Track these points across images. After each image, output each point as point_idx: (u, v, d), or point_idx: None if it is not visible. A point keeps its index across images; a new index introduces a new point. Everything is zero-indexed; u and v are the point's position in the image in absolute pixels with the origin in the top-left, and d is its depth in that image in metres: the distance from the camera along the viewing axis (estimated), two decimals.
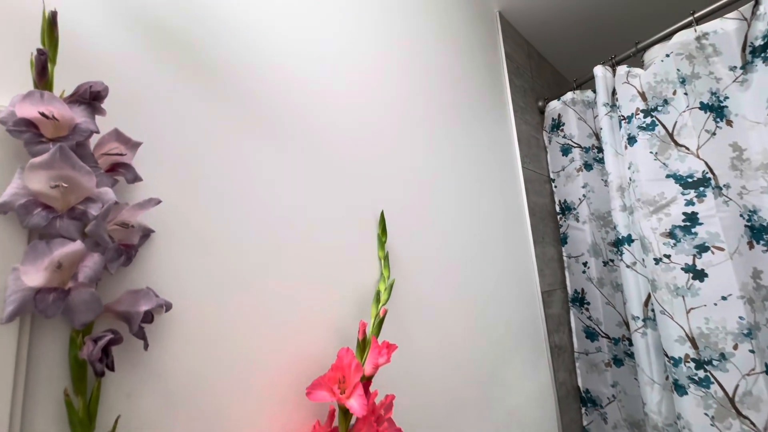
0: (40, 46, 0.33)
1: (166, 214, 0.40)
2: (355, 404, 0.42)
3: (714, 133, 0.88)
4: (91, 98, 0.33)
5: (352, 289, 0.58)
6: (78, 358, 0.32)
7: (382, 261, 0.63)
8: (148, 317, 0.35)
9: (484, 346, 0.83)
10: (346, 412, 0.45)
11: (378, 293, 0.58)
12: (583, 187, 1.18)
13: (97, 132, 0.33)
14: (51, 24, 0.33)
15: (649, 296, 0.96)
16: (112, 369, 0.31)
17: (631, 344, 1.05)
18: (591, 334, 1.14)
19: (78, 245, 0.30)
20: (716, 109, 0.89)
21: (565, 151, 1.24)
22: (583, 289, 1.17)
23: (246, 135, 0.50)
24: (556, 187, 1.28)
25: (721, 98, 0.89)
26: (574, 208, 1.20)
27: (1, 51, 0.33)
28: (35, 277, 0.29)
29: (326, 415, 0.49)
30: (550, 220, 1.25)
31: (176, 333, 0.39)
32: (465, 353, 0.77)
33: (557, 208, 1.27)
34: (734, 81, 0.89)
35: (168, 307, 0.36)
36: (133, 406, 0.36)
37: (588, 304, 1.15)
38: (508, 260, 0.99)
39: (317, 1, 0.65)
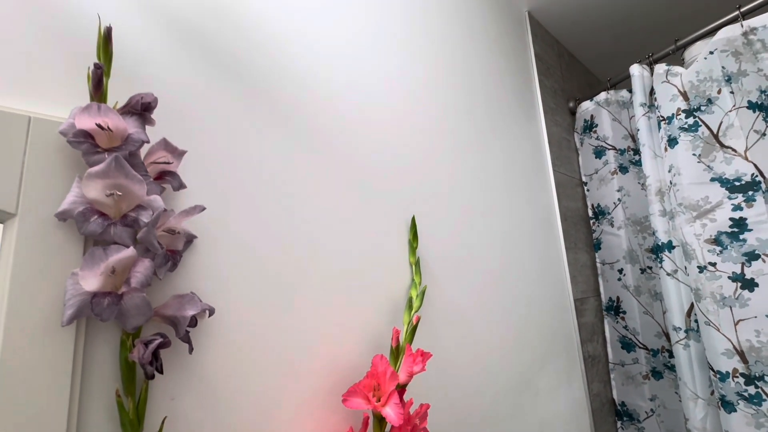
0: (96, 61, 0.34)
1: (207, 221, 0.42)
2: (392, 413, 0.42)
3: (764, 134, 0.83)
4: (142, 109, 0.35)
5: (384, 296, 0.58)
6: (128, 360, 0.33)
7: (414, 267, 0.62)
8: (193, 321, 0.36)
9: (515, 354, 0.81)
10: (381, 420, 0.45)
11: (410, 300, 0.58)
12: (618, 190, 1.14)
13: (148, 142, 0.35)
14: (106, 39, 0.34)
15: (692, 306, 0.91)
16: (161, 372, 0.32)
17: (671, 356, 1.00)
18: (627, 345, 1.09)
19: (131, 251, 0.31)
20: (766, 108, 0.84)
21: (599, 153, 1.20)
22: (618, 297, 1.12)
23: (284, 147, 0.51)
24: (588, 190, 1.23)
25: None
26: (609, 213, 1.16)
27: (61, 66, 0.35)
28: (92, 281, 0.30)
29: (360, 422, 0.48)
30: (583, 225, 1.21)
31: (218, 337, 0.40)
32: (496, 362, 0.75)
33: (590, 213, 1.22)
34: None
35: (211, 312, 0.37)
36: (178, 408, 0.37)
37: (624, 313, 1.10)
38: (539, 266, 0.96)
39: (352, 15, 0.65)
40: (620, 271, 1.11)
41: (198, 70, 0.44)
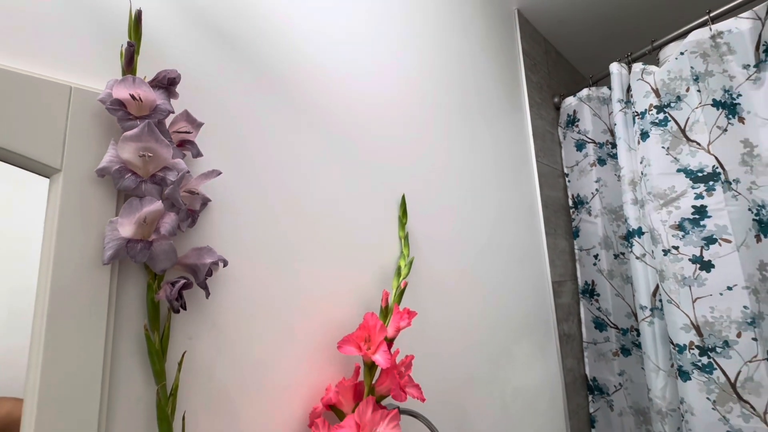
0: (129, 40, 0.39)
1: (220, 187, 0.47)
2: (380, 358, 0.48)
3: (725, 130, 0.90)
4: (167, 84, 0.40)
5: (376, 264, 0.64)
6: (154, 301, 0.39)
7: (403, 240, 0.68)
8: (209, 272, 0.42)
9: (495, 327, 0.88)
10: (371, 367, 0.51)
11: (399, 268, 0.64)
12: (596, 181, 1.21)
13: (173, 112, 0.40)
14: (137, 21, 0.39)
15: (657, 287, 0.99)
16: (185, 308, 0.38)
17: (638, 335, 1.08)
18: (600, 325, 1.17)
19: (160, 205, 0.36)
20: (729, 106, 0.91)
21: (580, 146, 1.27)
22: (593, 281, 1.20)
23: (290, 125, 0.56)
24: (569, 181, 1.31)
25: (734, 96, 0.92)
26: (587, 202, 1.23)
27: (97, 44, 0.40)
28: (128, 228, 0.35)
29: (352, 371, 0.55)
30: (563, 213, 1.28)
31: (229, 289, 0.46)
32: (476, 331, 0.82)
33: (570, 202, 1.30)
34: (747, 79, 0.91)
35: (225, 263, 0.42)
36: (195, 347, 0.42)
37: (598, 295, 1.18)
38: (520, 249, 1.03)
39: (354, 9, 0.70)
40: (596, 256, 1.19)
41: (215, 52, 0.49)
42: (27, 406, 0.32)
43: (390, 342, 0.53)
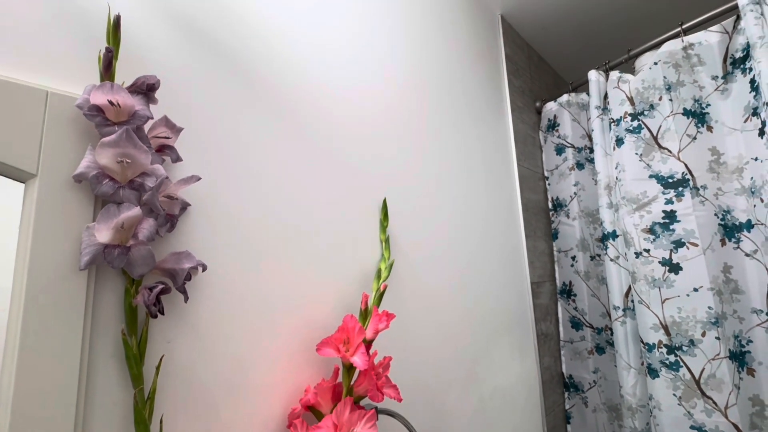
0: (107, 45, 0.39)
1: (199, 192, 0.47)
2: (358, 360, 0.49)
3: (695, 138, 0.94)
4: (146, 89, 0.40)
5: (356, 268, 0.65)
6: (132, 305, 0.39)
7: (384, 243, 0.70)
8: (188, 276, 0.42)
9: (474, 327, 0.90)
10: (349, 369, 0.52)
11: (379, 271, 0.65)
12: (575, 185, 1.25)
13: (151, 118, 0.40)
14: (116, 26, 0.39)
15: (629, 288, 1.03)
16: (162, 313, 0.38)
17: (612, 334, 1.12)
18: (576, 324, 1.21)
19: (138, 210, 0.37)
20: (698, 115, 0.96)
21: (559, 150, 1.30)
22: (570, 282, 1.24)
23: (270, 131, 0.57)
24: (549, 184, 1.34)
25: (703, 105, 0.96)
26: (566, 205, 1.27)
27: (73, 48, 0.40)
28: (105, 234, 0.35)
29: (331, 373, 0.56)
30: (543, 215, 1.32)
31: (208, 293, 0.46)
32: (456, 332, 0.84)
33: (550, 205, 1.33)
34: (716, 90, 0.95)
35: (204, 267, 0.43)
36: (173, 350, 0.43)
37: (575, 295, 1.22)
38: (500, 250, 1.06)
39: (337, 12, 0.71)
40: (573, 258, 1.23)
41: (194, 57, 0.49)
42: (0, 411, 0.32)
43: (369, 344, 0.54)
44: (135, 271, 0.37)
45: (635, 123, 1.01)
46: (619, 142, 1.03)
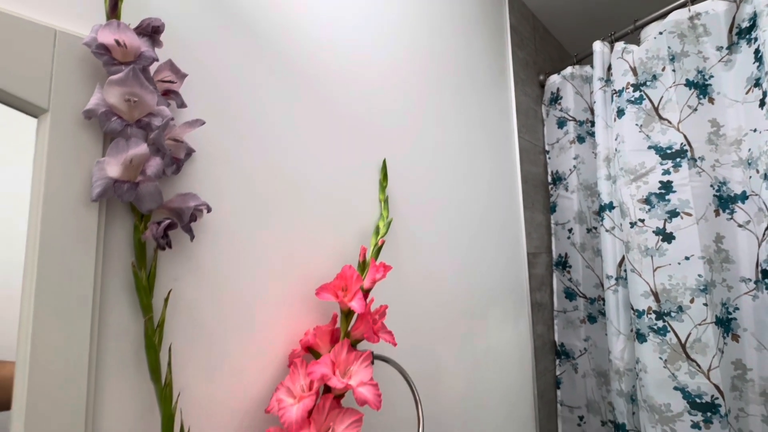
0: None
1: (204, 140, 0.48)
2: (356, 304, 0.51)
3: (695, 109, 0.95)
4: (152, 31, 0.41)
5: (355, 224, 0.67)
6: (141, 241, 0.41)
7: (382, 203, 0.71)
8: (193, 217, 0.44)
9: (470, 289, 0.92)
10: (347, 315, 0.55)
11: (377, 228, 0.67)
12: (575, 158, 1.26)
13: (157, 60, 0.41)
14: None
15: (623, 258, 1.05)
16: (170, 247, 0.40)
17: (605, 304, 1.15)
18: (570, 294, 1.24)
19: (145, 148, 0.38)
20: (700, 87, 0.95)
21: (561, 123, 1.30)
22: (566, 254, 1.26)
23: (273, 84, 0.57)
24: (549, 158, 1.35)
25: (706, 76, 0.96)
26: (565, 178, 1.28)
27: None
28: (114, 168, 0.37)
29: (329, 320, 0.58)
30: (542, 188, 1.33)
31: (212, 237, 0.48)
32: (451, 294, 0.87)
33: (549, 179, 1.34)
34: (720, 61, 0.95)
35: (209, 209, 0.45)
36: (179, 287, 0.45)
37: (570, 267, 1.25)
38: (498, 219, 1.08)
39: None
40: (570, 230, 1.25)
41: (199, 4, 0.50)
42: (21, 339, 0.34)
43: (366, 293, 0.57)
44: (143, 206, 0.39)
45: (637, 94, 1.01)
46: (620, 113, 1.03)
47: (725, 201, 0.92)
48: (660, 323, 0.91)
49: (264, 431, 0.47)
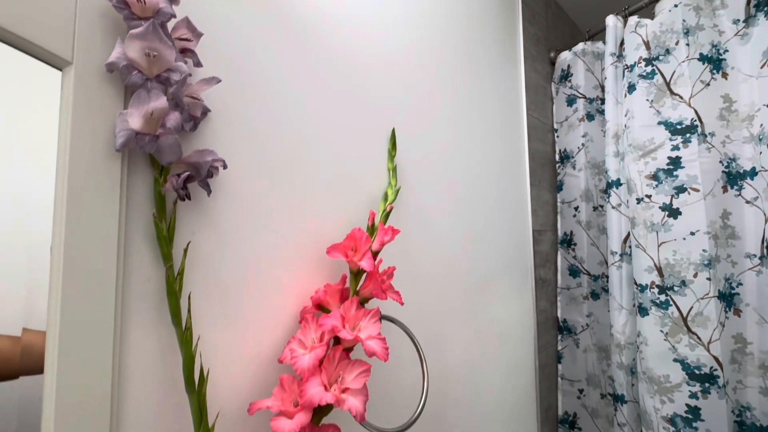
0: None
1: (219, 101, 0.50)
2: (365, 263, 0.53)
3: (708, 84, 0.93)
4: None
5: (363, 191, 0.68)
6: (161, 193, 0.43)
7: (391, 172, 0.72)
8: (210, 173, 0.45)
9: (475, 262, 0.94)
10: (356, 274, 0.57)
11: (386, 194, 0.68)
12: (583, 136, 1.25)
13: (175, 16, 0.42)
14: None
15: (628, 234, 1.06)
16: (189, 198, 0.42)
17: (608, 280, 1.16)
18: (574, 272, 1.26)
19: (165, 102, 0.40)
20: (714, 61, 0.94)
21: (570, 101, 1.29)
22: (572, 232, 1.27)
23: (287, 48, 0.58)
24: (558, 136, 1.34)
25: (721, 51, 0.94)
26: (572, 157, 1.28)
27: None
28: (136, 120, 0.39)
29: (338, 280, 0.60)
30: (549, 167, 1.33)
31: (228, 194, 0.50)
32: (457, 265, 0.88)
33: (557, 157, 1.34)
34: (736, 34, 0.93)
35: (225, 165, 0.46)
36: (197, 241, 0.47)
37: (575, 245, 1.26)
38: (504, 195, 1.09)
39: None
40: (576, 208, 1.25)
41: None
42: (52, 286, 0.37)
43: (374, 255, 0.59)
44: (164, 158, 0.41)
45: (649, 68, 0.99)
46: (631, 88, 1.02)
47: (734, 177, 0.91)
48: (662, 297, 0.92)
49: (278, 378, 0.49)
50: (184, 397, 0.43)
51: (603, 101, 1.25)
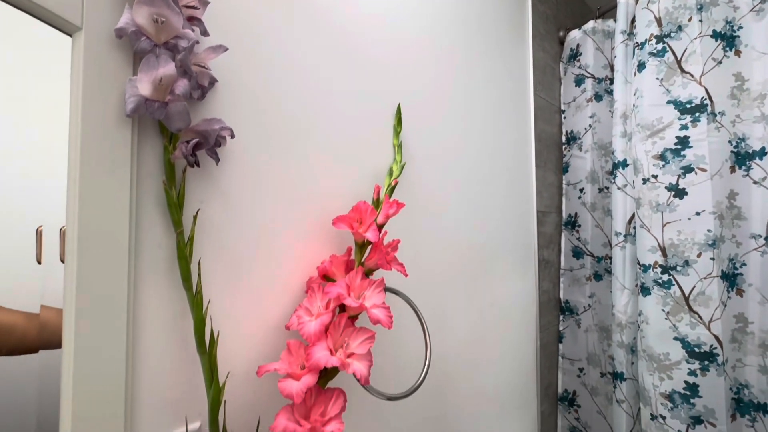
0: None
1: (226, 71, 0.50)
2: (370, 234, 0.54)
3: (720, 62, 0.92)
4: None
5: (369, 166, 0.69)
6: (170, 161, 0.44)
7: (396, 148, 0.73)
8: (218, 141, 0.46)
9: (478, 241, 0.95)
10: (361, 246, 0.58)
11: (391, 170, 0.69)
12: (591, 117, 1.24)
13: None
14: None
15: (633, 215, 1.06)
16: (198, 165, 0.43)
17: (611, 262, 1.16)
18: (578, 253, 1.26)
19: (173, 68, 0.40)
20: (728, 38, 0.92)
21: (579, 81, 1.28)
22: (576, 213, 1.27)
23: (294, 19, 0.58)
24: (565, 118, 1.33)
25: (735, 27, 0.92)
26: (579, 138, 1.27)
27: None
28: (146, 86, 0.39)
29: (344, 252, 0.61)
30: (555, 148, 1.32)
31: (234, 164, 0.51)
32: (460, 242, 0.89)
33: (564, 139, 1.33)
34: (751, 10, 0.91)
35: (232, 134, 0.47)
36: (205, 209, 0.48)
37: (579, 226, 1.26)
38: (509, 175, 1.08)
39: None
40: (581, 190, 1.25)
41: None
42: (68, 252, 0.38)
43: (379, 228, 0.59)
44: (173, 125, 0.41)
45: (660, 46, 0.98)
46: (641, 66, 1.01)
47: (742, 158, 0.91)
48: (665, 277, 0.93)
49: (284, 344, 0.51)
50: (196, 358, 0.45)
51: (611, 81, 1.23)
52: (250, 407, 0.50)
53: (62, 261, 0.41)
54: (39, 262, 0.39)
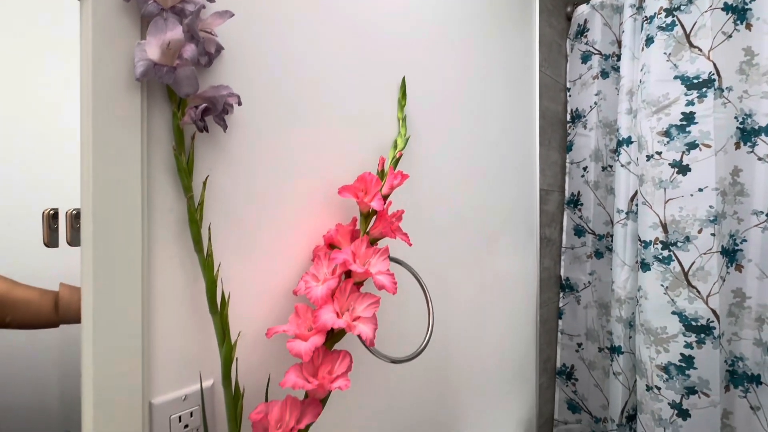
0: None
1: (232, 40, 0.50)
2: (375, 203, 0.55)
3: (730, 36, 0.90)
4: None
5: (374, 138, 0.69)
6: (179, 127, 0.44)
7: (401, 121, 0.73)
8: (225, 109, 0.47)
9: (481, 217, 0.96)
10: (366, 216, 0.59)
11: (395, 143, 0.69)
12: (596, 94, 1.23)
13: None
14: None
15: (636, 193, 1.06)
16: (207, 130, 0.44)
17: (612, 240, 1.17)
18: (579, 231, 1.27)
19: (181, 32, 0.40)
20: (739, 11, 0.90)
21: (585, 58, 1.26)
22: (579, 192, 1.27)
23: None
24: (570, 96, 1.32)
25: (747, 0, 0.90)
26: (584, 116, 1.26)
27: None
28: (154, 50, 0.40)
29: (350, 222, 0.63)
30: (559, 127, 1.31)
31: (242, 132, 0.51)
32: (463, 216, 0.90)
33: (568, 117, 1.32)
34: None
35: (240, 101, 0.47)
36: (214, 176, 0.49)
37: (581, 204, 1.26)
38: (512, 152, 1.08)
39: None
40: (584, 168, 1.25)
41: None
42: (84, 217, 0.39)
43: (384, 199, 0.60)
44: (181, 90, 0.42)
45: (669, 19, 0.96)
46: (649, 41, 0.99)
47: (748, 134, 0.90)
48: (665, 252, 0.94)
49: (291, 309, 0.53)
50: (208, 319, 0.47)
51: (619, 57, 1.22)
52: (261, 365, 0.53)
53: (69, 243, 0.43)
54: (46, 245, 0.41)
